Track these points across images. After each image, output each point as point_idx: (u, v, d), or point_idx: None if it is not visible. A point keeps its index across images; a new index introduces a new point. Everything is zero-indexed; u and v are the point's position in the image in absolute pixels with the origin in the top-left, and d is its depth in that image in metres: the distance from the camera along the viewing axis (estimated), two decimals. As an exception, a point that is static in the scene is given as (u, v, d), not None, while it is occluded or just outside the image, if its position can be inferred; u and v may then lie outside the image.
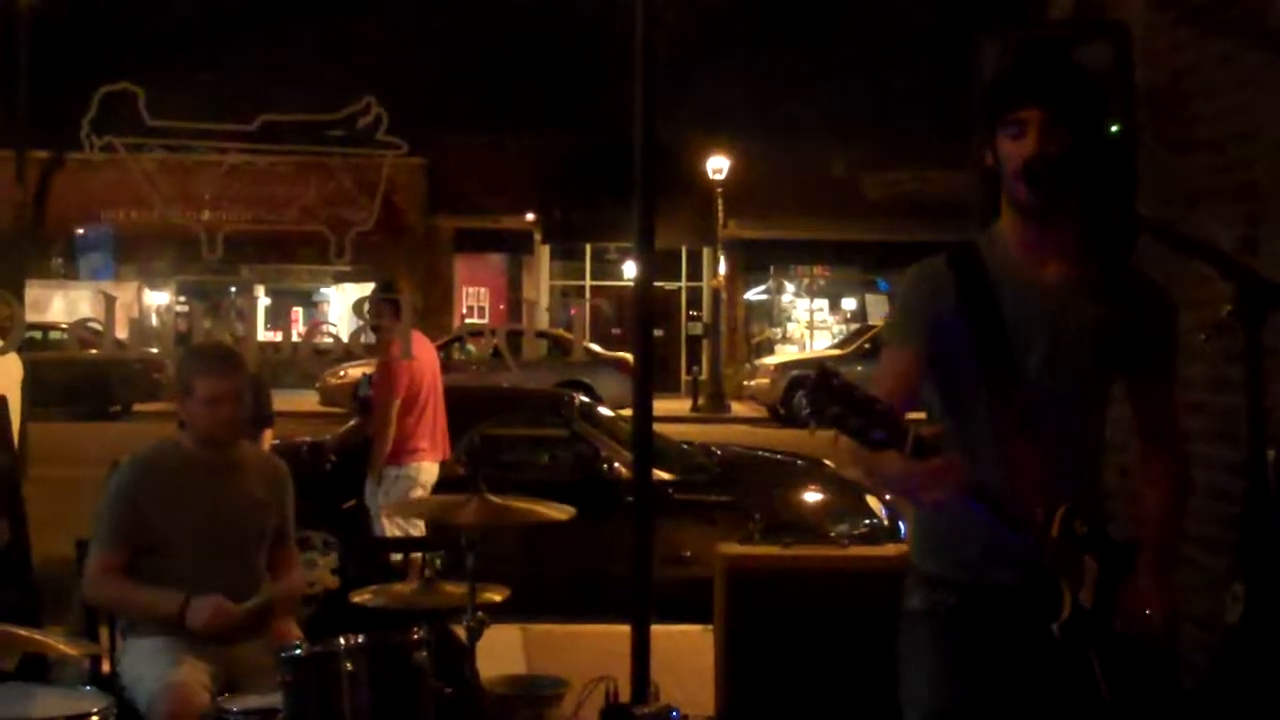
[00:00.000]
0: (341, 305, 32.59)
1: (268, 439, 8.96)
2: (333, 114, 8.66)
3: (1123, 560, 3.34)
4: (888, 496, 9.79)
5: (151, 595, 4.95)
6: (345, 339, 8.22)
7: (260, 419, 8.83)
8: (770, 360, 31.02)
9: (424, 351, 8.86)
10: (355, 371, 24.88)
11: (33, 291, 26.51)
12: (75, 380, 22.94)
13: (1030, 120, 3.29)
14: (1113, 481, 3.77)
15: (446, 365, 9.18)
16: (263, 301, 31.02)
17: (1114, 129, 5.57)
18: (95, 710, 4.17)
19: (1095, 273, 3.44)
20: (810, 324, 37.04)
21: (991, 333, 3.35)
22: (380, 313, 8.36)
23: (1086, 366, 3.41)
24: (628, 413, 7.94)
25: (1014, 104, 3.33)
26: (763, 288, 37.06)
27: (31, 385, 8.16)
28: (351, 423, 11.92)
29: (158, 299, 32.42)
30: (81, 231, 31.64)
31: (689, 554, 9.42)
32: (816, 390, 2.99)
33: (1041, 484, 3.27)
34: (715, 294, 33.19)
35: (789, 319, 37.47)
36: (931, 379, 3.47)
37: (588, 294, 35.71)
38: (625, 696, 6.12)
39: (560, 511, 5.26)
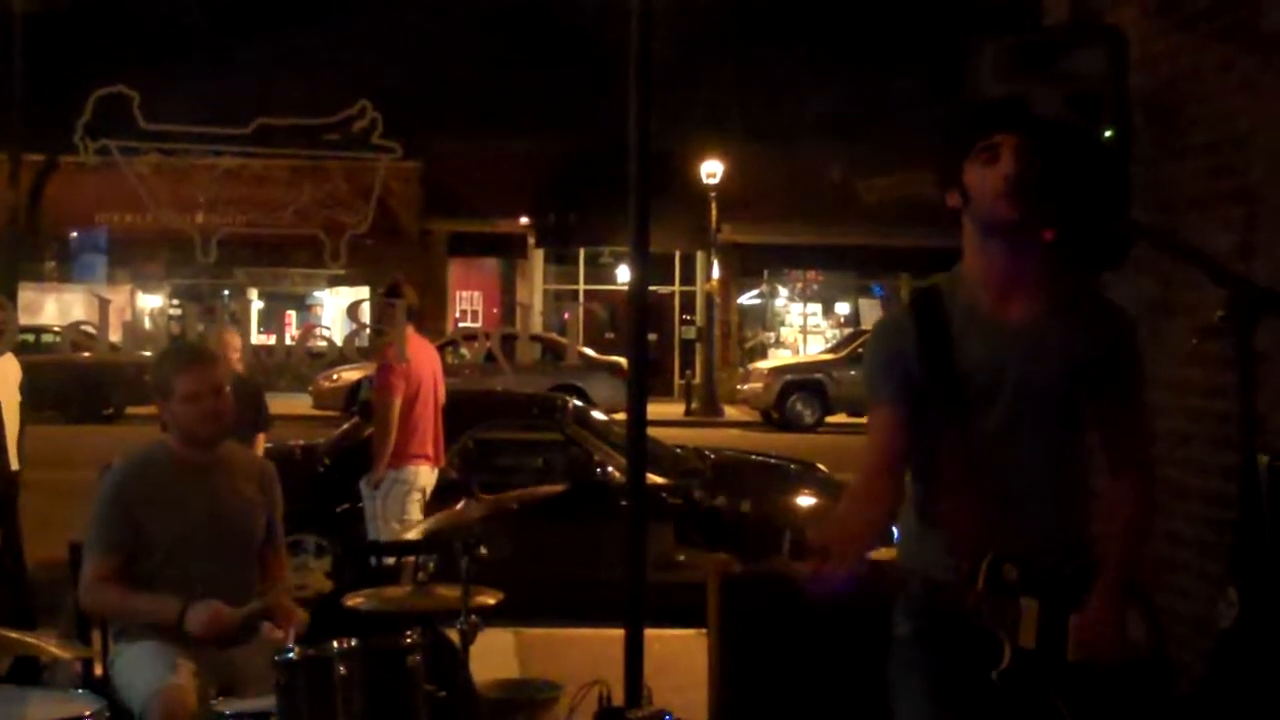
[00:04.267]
0: (335, 309, 32.59)
1: (260, 444, 8.95)
2: (328, 117, 8.64)
3: (1070, 591, 3.33)
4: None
5: (150, 601, 4.94)
6: (339, 342, 8.22)
7: (256, 423, 8.83)
8: (764, 365, 31.01)
9: (424, 356, 8.85)
10: (349, 375, 24.90)
11: (26, 294, 26.49)
12: (68, 383, 22.93)
13: (1004, 143, 3.34)
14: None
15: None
16: (256, 305, 31.06)
17: (1108, 134, 5.58)
18: (88, 713, 4.16)
19: (1060, 301, 3.46)
20: (804, 328, 37.05)
21: (947, 382, 3.39)
22: (384, 317, 8.37)
23: (1058, 404, 3.44)
24: (621, 416, 7.94)
25: (987, 130, 3.38)
26: (756, 292, 37.06)
27: (28, 388, 8.17)
28: (345, 425, 11.93)
29: (151, 302, 32.45)
30: (75, 234, 31.62)
31: (682, 558, 9.41)
32: (682, 523, 3.10)
33: (977, 532, 3.29)
34: (709, 298, 33.17)
35: (782, 323, 37.49)
36: None
37: (581, 298, 35.75)
38: (619, 700, 6.12)
39: (554, 487, 5.28)
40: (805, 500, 10.48)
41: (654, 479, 9.45)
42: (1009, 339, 3.41)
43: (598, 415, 12.14)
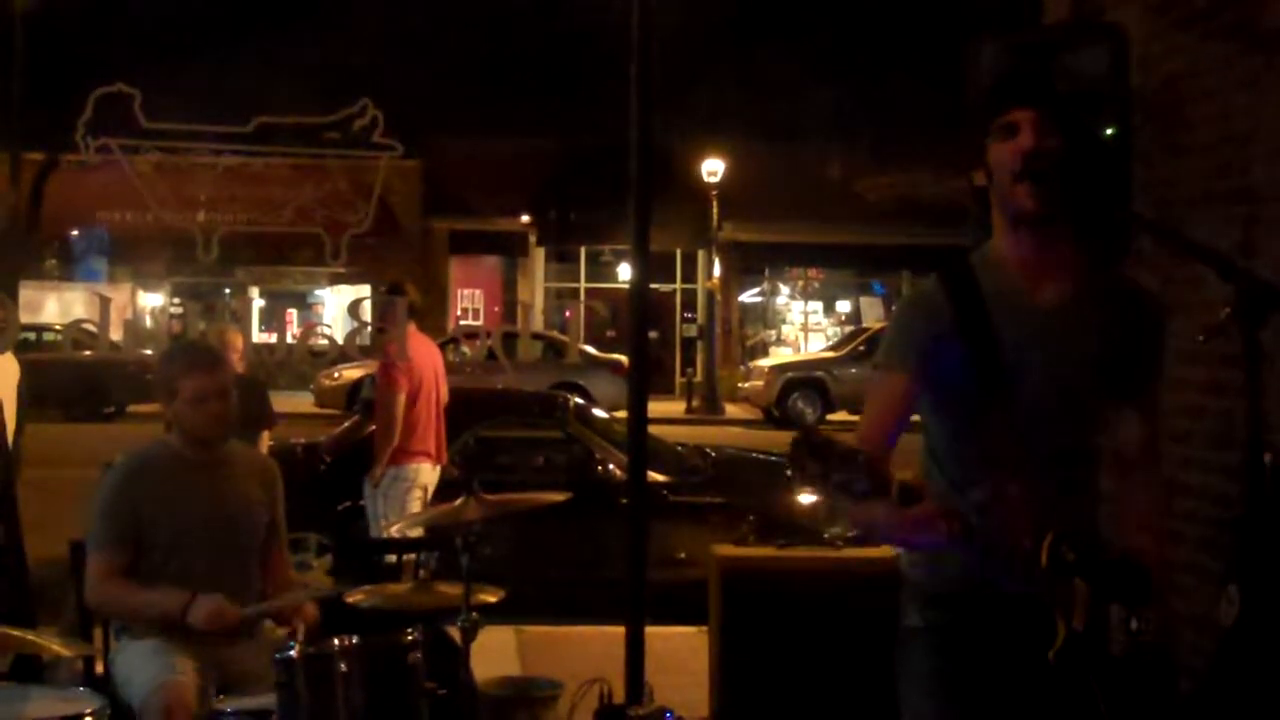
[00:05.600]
0: (336, 307, 32.59)
1: (265, 440, 8.96)
2: (328, 116, 8.64)
3: (1112, 577, 3.30)
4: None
5: (154, 595, 4.95)
6: (340, 340, 8.22)
7: (260, 420, 8.83)
8: (764, 362, 31.02)
9: (425, 354, 8.85)
10: (350, 373, 24.89)
11: (27, 293, 26.50)
12: (69, 381, 22.93)
13: (1023, 120, 3.30)
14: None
15: (441, 367, 9.17)
16: (257, 303, 31.05)
17: (1109, 132, 5.57)
18: (89, 711, 4.16)
19: (1092, 286, 3.42)
20: (805, 326, 37.07)
21: (987, 355, 3.32)
22: (385, 314, 8.37)
23: (1086, 385, 3.39)
24: (622, 414, 7.94)
25: (1005, 106, 3.34)
26: (757, 290, 37.08)
27: (30, 387, 8.16)
28: (346, 424, 11.91)
29: (152, 300, 32.48)
30: (76, 233, 31.62)
31: (683, 555, 9.42)
32: (797, 449, 3.00)
33: (1031, 511, 3.23)
34: (710, 296, 33.18)
35: (783, 321, 37.51)
36: (928, 403, 3.45)
37: (582, 296, 35.78)
38: (619, 698, 6.11)
39: (556, 495, 5.28)
40: (807, 497, 10.45)
41: (655, 477, 9.44)
42: (1040, 323, 3.36)
43: (599, 413, 12.14)
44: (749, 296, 36.95)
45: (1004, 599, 3.26)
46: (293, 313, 33.95)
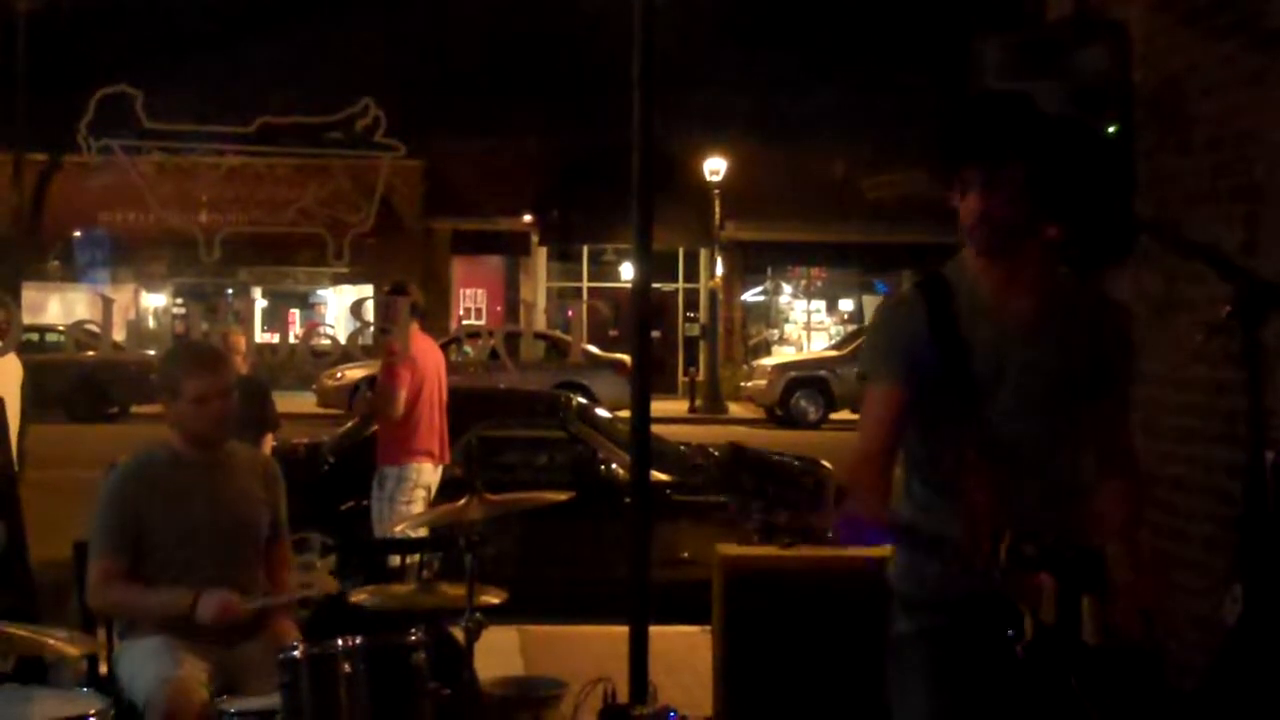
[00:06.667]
0: (339, 307, 32.61)
1: (269, 443, 8.95)
2: (331, 116, 8.64)
3: (1082, 570, 3.32)
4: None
5: (159, 595, 4.95)
6: (343, 341, 8.22)
7: (264, 423, 8.83)
8: (767, 361, 31.03)
9: (428, 354, 8.85)
10: (353, 373, 24.88)
11: (30, 294, 26.53)
12: (72, 382, 22.95)
13: (971, 179, 3.33)
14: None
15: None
16: (260, 304, 31.05)
17: (1111, 130, 5.57)
18: (93, 712, 4.16)
19: (1060, 298, 3.48)
20: (807, 325, 37.05)
21: (959, 363, 3.38)
22: (388, 314, 8.37)
23: (1060, 393, 3.45)
24: (625, 414, 7.94)
25: (953, 164, 3.38)
26: (760, 289, 37.06)
27: (33, 388, 8.17)
28: (349, 424, 11.93)
29: (155, 301, 32.49)
30: (79, 234, 31.60)
31: (687, 555, 9.41)
32: (731, 464, 3.07)
33: (1001, 515, 3.27)
34: (712, 295, 33.16)
35: (786, 320, 37.49)
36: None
37: (585, 295, 35.72)
38: (623, 697, 6.12)
39: (559, 494, 5.29)
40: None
41: (658, 476, 9.44)
42: (1009, 332, 3.42)
43: (602, 412, 12.15)
44: (751, 295, 36.93)
45: (984, 600, 3.27)
46: (295, 313, 33.96)
